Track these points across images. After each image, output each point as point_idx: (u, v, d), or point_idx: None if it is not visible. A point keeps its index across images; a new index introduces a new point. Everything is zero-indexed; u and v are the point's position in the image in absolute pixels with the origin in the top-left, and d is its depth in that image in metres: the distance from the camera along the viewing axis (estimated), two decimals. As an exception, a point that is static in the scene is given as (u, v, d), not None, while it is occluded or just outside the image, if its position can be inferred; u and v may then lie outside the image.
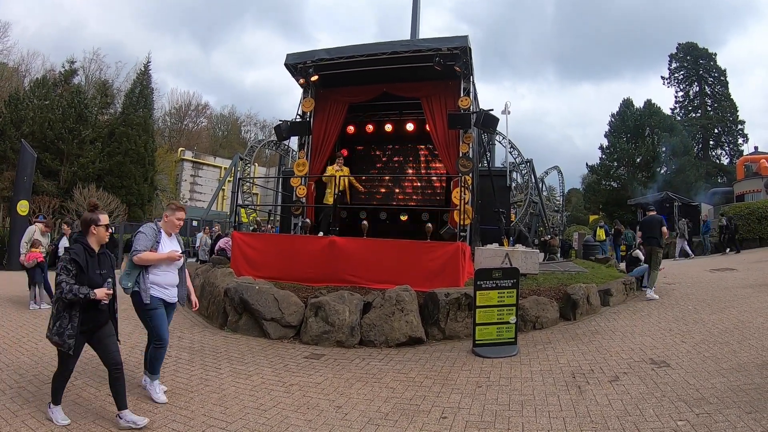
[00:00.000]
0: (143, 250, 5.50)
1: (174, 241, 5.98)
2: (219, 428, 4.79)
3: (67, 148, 36.64)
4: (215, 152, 69.79)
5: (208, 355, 7.57)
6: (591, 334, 8.25)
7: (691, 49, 62.86)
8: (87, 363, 6.32)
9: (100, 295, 4.71)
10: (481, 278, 7.71)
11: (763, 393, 5.11)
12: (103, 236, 5.07)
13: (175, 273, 5.93)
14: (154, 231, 5.74)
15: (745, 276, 13.57)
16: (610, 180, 53.98)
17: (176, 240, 6.04)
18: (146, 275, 5.60)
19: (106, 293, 4.79)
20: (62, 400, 5.01)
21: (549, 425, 4.75)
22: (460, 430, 4.74)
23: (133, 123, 40.33)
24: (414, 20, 18.34)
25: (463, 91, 12.42)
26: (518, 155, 40.02)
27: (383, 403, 5.49)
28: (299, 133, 14.15)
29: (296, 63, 13.28)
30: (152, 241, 5.65)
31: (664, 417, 4.71)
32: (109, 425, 4.84)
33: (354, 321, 8.28)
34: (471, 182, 12.14)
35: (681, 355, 6.71)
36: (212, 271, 11.22)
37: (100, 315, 4.94)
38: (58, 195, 34.59)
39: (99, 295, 4.70)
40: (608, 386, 5.73)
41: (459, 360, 7.26)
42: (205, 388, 6.02)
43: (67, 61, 45.10)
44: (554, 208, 52.39)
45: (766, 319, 8.42)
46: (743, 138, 60.14)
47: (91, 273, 4.81)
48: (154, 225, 5.85)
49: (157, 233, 5.75)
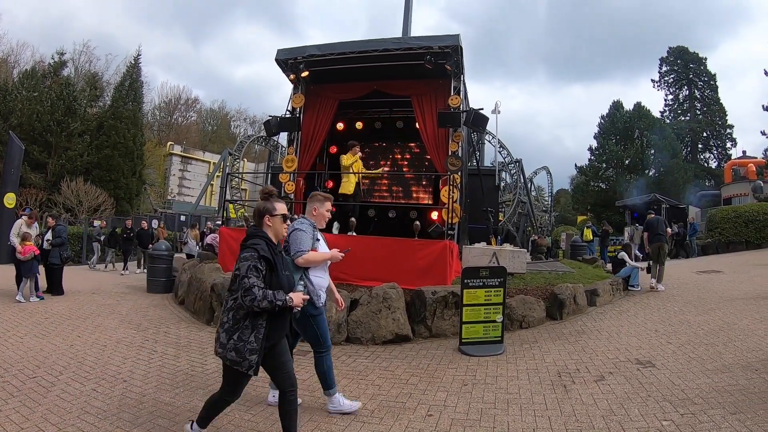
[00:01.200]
0: (307, 250, 4.89)
1: (322, 236, 5.42)
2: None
3: (56, 140, 36.31)
4: (204, 147, 69.31)
5: (195, 350, 7.54)
6: (577, 333, 8.28)
7: (682, 53, 63.27)
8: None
9: (297, 302, 4.00)
10: (468, 277, 7.71)
11: (747, 394, 5.15)
12: (280, 229, 4.25)
13: (327, 273, 5.40)
14: (312, 228, 5.14)
15: (731, 278, 13.67)
16: (599, 181, 54.21)
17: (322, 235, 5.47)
18: (310, 277, 5.00)
19: (303, 299, 4.11)
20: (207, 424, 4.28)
21: (534, 424, 4.75)
22: (445, 428, 4.74)
23: (122, 116, 39.88)
24: (406, 18, 18.34)
25: (453, 90, 12.40)
26: (507, 155, 40.19)
27: (369, 401, 5.48)
28: (289, 129, 14.09)
29: (287, 58, 13.22)
30: (313, 239, 5.06)
31: (649, 417, 4.73)
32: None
33: (340, 318, 8.24)
34: (460, 181, 12.14)
35: (666, 356, 6.75)
36: (199, 267, 11.18)
37: (285, 325, 4.17)
38: (46, 188, 34.28)
39: (296, 301, 3.99)
40: (594, 386, 5.75)
41: (445, 358, 7.27)
42: (191, 384, 5.98)
43: (57, 52, 44.70)
44: (543, 208, 52.61)
45: (752, 321, 8.49)
46: (731, 142, 60.71)
47: (280, 274, 4.08)
48: (307, 221, 5.18)
49: (314, 230, 5.16)
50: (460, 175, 12.12)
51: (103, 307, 10.66)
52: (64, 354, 6.97)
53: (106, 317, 9.63)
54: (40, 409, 4.97)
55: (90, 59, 52.22)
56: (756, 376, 5.76)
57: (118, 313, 10.04)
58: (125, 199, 39.14)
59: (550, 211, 54.41)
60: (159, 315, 10.18)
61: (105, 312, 10.12)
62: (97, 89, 45.92)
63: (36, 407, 5.01)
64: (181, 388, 5.81)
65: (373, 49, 12.51)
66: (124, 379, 5.98)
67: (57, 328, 8.58)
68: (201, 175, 61.50)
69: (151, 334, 8.48)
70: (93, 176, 36.62)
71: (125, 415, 4.91)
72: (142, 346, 7.63)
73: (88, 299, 11.47)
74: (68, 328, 8.55)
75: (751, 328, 8.03)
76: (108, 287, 13.64)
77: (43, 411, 4.92)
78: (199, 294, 10.15)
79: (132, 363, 6.71)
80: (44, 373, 6.12)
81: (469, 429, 4.70)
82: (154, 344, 7.77)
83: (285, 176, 13.68)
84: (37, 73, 40.58)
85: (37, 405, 5.06)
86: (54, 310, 10.00)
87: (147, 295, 12.68)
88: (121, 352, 7.13)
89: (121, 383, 5.85)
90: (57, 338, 7.83)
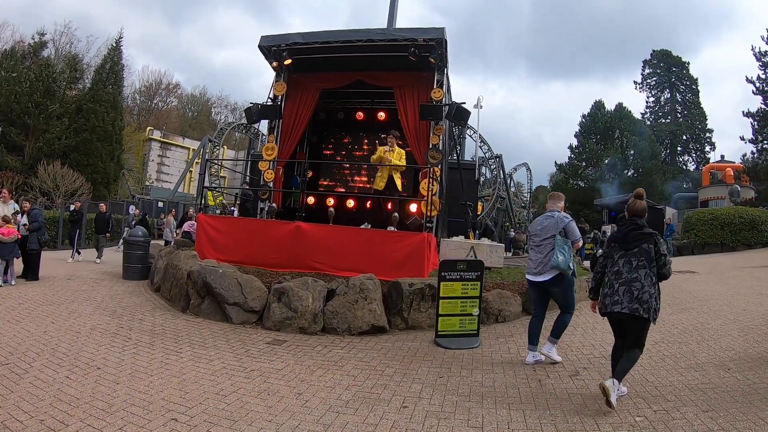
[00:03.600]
0: (581, 238, 6.66)
1: None
2: (178, 413, 4.71)
3: (33, 122, 35.81)
4: (184, 133, 68.73)
5: (169, 338, 7.46)
6: (553, 329, 8.33)
7: (665, 56, 64.08)
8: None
9: None
10: (445, 269, 7.72)
11: (719, 392, 5.22)
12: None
13: None
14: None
15: (705, 279, 13.88)
16: (578, 179, 54.66)
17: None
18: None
19: None
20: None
21: (509, 417, 4.77)
22: (420, 419, 4.74)
23: (101, 99, 39.29)
24: (392, 9, 18.22)
25: (436, 83, 12.41)
26: (488, 150, 40.37)
27: (344, 391, 5.47)
28: (270, 117, 13.99)
29: (270, 46, 13.13)
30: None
31: (622, 412, 4.77)
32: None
33: (317, 308, 8.23)
34: (440, 174, 12.15)
35: (640, 353, 6.82)
36: (176, 254, 11.07)
37: None
38: (22, 171, 33.78)
39: None
40: (568, 380, 5.80)
41: (421, 350, 7.28)
42: (165, 372, 5.91)
43: (37, 32, 44.18)
44: (521, 204, 52.97)
45: (725, 321, 8.64)
46: (710, 146, 61.86)
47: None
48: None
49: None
50: (440, 168, 12.14)
51: (78, 293, 10.53)
52: (37, 340, 6.86)
53: (80, 303, 9.50)
54: (13, 396, 4.88)
55: (71, 41, 51.67)
56: (728, 374, 5.85)
57: (93, 300, 9.92)
58: (102, 183, 38.67)
59: (529, 207, 54.83)
60: (134, 302, 10.08)
61: (80, 298, 9.99)
62: (77, 71, 45.37)
63: (8, 394, 4.91)
64: (155, 376, 5.75)
65: (358, 39, 12.48)
66: (98, 367, 5.90)
67: (30, 314, 8.43)
68: (180, 162, 61.14)
69: (126, 321, 8.38)
70: (70, 160, 36.09)
71: (98, 403, 4.85)
72: (116, 333, 7.53)
73: (62, 285, 11.32)
74: (42, 314, 8.41)
75: (725, 328, 8.17)
76: (83, 273, 13.47)
77: (15, 398, 4.83)
78: (175, 281, 10.05)
79: (106, 350, 6.62)
80: (17, 359, 6.01)
81: (444, 421, 4.70)
82: (128, 331, 7.68)
83: (264, 164, 13.61)
84: (16, 54, 40.01)
85: (9, 392, 4.97)
86: (28, 296, 9.85)
87: (123, 281, 12.54)
88: (96, 339, 7.04)
89: (95, 371, 5.77)
90: (30, 324, 7.70)
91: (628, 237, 5.12)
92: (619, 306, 4.93)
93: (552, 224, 6.45)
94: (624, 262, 5.07)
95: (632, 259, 5.02)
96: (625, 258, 5.07)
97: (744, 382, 5.55)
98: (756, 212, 25.39)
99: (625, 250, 5.11)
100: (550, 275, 6.30)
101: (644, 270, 4.94)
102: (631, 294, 4.88)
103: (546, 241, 6.39)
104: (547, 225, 6.50)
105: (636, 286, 4.90)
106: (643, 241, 5.02)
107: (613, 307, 4.98)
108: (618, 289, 5.00)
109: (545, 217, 6.63)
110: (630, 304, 4.86)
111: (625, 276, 5.00)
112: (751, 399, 5.03)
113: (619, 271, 5.07)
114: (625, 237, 5.15)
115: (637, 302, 4.84)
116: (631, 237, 5.10)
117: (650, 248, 4.99)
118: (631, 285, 4.92)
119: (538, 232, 6.58)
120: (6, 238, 10.80)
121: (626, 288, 4.94)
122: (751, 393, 5.20)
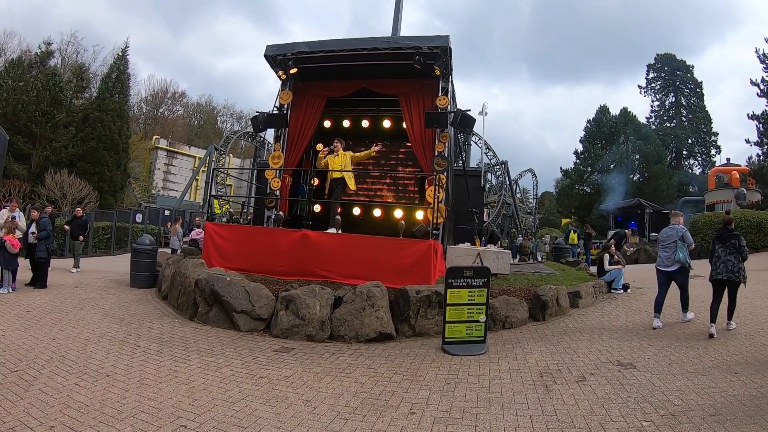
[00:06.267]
0: (693, 242, 9.25)
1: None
2: (187, 419, 4.75)
3: (40, 131, 35.87)
4: (190, 141, 68.83)
5: (178, 346, 7.50)
6: (559, 334, 8.35)
7: (669, 60, 64.01)
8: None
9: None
10: (452, 276, 7.75)
11: (726, 396, 5.23)
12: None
13: None
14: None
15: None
16: (584, 185, 54.58)
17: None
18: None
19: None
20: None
21: (516, 423, 4.79)
22: (427, 426, 4.77)
23: (108, 108, 39.37)
24: (396, 17, 18.33)
25: (441, 91, 12.47)
26: (493, 156, 40.34)
27: (352, 398, 5.50)
28: (276, 126, 14.08)
29: (275, 55, 13.21)
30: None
31: (629, 417, 4.79)
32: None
33: (324, 315, 8.27)
34: (445, 181, 12.18)
35: (647, 358, 6.83)
36: (183, 262, 11.11)
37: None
38: (29, 179, 33.86)
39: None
40: (575, 386, 5.81)
41: (428, 357, 7.30)
42: (173, 379, 5.96)
43: (44, 42, 44.15)
44: (527, 210, 52.89)
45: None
46: (716, 149, 61.67)
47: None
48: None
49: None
50: (446, 176, 12.17)
51: (86, 300, 10.58)
52: (46, 348, 6.92)
53: (88, 311, 9.55)
54: (23, 402, 4.94)
55: (77, 50, 51.95)
56: (735, 378, 5.85)
57: (101, 308, 9.97)
58: (109, 192, 38.72)
59: (535, 213, 54.74)
60: (142, 310, 10.12)
61: (88, 306, 10.04)
62: (84, 80, 45.41)
63: (18, 401, 4.97)
64: (164, 383, 5.79)
65: (362, 47, 12.55)
66: (107, 374, 5.95)
67: (39, 321, 8.49)
68: (186, 170, 61.24)
69: (134, 328, 8.43)
70: (77, 168, 36.14)
71: (108, 410, 4.89)
72: (125, 340, 7.58)
73: (70, 293, 11.37)
74: (50, 322, 8.47)
75: (732, 332, 8.14)
76: (91, 281, 13.53)
77: (25, 405, 4.88)
78: (183, 289, 10.10)
79: (115, 357, 6.67)
80: (26, 366, 6.07)
81: (452, 427, 4.73)
82: (137, 339, 7.73)
83: (271, 173, 13.67)
84: (23, 63, 40.08)
85: (19, 399, 5.03)
86: (36, 304, 9.91)
87: (130, 289, 12.59)
88: (104, 347, 7.09)
89: (104, 378, 5.82)
90: (39, 332, 7.76)
91: (723, 236, 8.21)
92: (722, 275, 8.00)
93: (675, 233, 9.03)
94: (722, 250, 8.11)
95: (727, 249, 8.06)
96: (723, 248, 8.11)
97: (751, 386, 5.56)
98: (763, 215, 25.21)
99: (722, 244, 8.16)
100: (675, 267, 8.96)
101: (733, 255, 7.97)
102: (727, 268, 7.95)
103: (671, 245, 9.01)
104: (672, 234, 9.06)
105: (730, 263, 7.94)
106: (732, 238, 8.08)
107: (717, 275, 8.08)
108: (719, 266, 8.06)
109: (670, 228, 9.21)
110: (728, 274, 7.93)
111: (723, 258, 8.04)
112: (758, 403, 5.04)
113: (718, 255, 8.14)
114: (722, 236, 8.27)
115: (732, 273, 7.91)
116: (725, 237, 8.19)
117: (735, 242, 8.03)
118: (726, 263, 7.97)
119: (665, 238, 9.18)
120: (16, 250, 10.90)
121: (724, 265, 7.99)
122: (758, 397, 5.21)
